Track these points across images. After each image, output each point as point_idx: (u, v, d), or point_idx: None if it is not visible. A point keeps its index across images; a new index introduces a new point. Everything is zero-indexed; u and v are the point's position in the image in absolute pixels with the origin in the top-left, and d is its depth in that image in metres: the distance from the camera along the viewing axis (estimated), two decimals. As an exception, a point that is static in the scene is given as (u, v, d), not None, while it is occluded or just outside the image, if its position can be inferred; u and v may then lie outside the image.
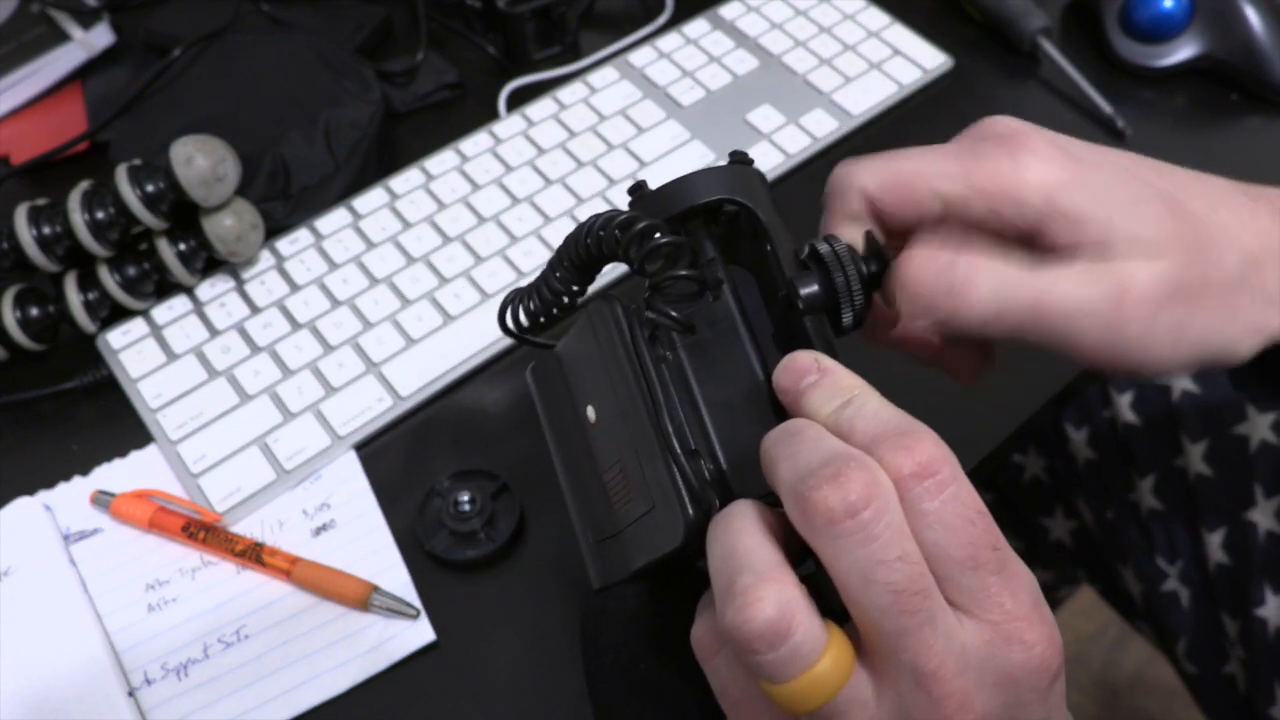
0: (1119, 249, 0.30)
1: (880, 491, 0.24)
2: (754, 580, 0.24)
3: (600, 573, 0.32)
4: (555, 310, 0.36)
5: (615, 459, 0.31)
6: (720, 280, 0.32)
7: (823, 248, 0.31)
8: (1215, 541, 0.56)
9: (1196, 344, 0.31)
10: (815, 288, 0.31)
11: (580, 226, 0.33)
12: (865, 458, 0.25)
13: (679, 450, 0.29)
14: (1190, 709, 0.62)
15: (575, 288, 0.35)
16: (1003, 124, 0.33)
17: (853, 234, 0.33)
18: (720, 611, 0.25)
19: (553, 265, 0.35)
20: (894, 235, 0.33)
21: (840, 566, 0.24)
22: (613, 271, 0.52)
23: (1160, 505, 0.59)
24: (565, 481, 0.34)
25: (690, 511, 0.28)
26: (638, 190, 0.33)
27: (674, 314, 0.30)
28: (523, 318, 0.37)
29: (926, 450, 0.25)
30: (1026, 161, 0.31)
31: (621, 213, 0.31)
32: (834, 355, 0.30)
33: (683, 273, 0.30)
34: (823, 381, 0.28)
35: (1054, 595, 0.82)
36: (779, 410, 0.30)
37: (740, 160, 0.33)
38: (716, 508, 0.28)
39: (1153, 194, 0.31)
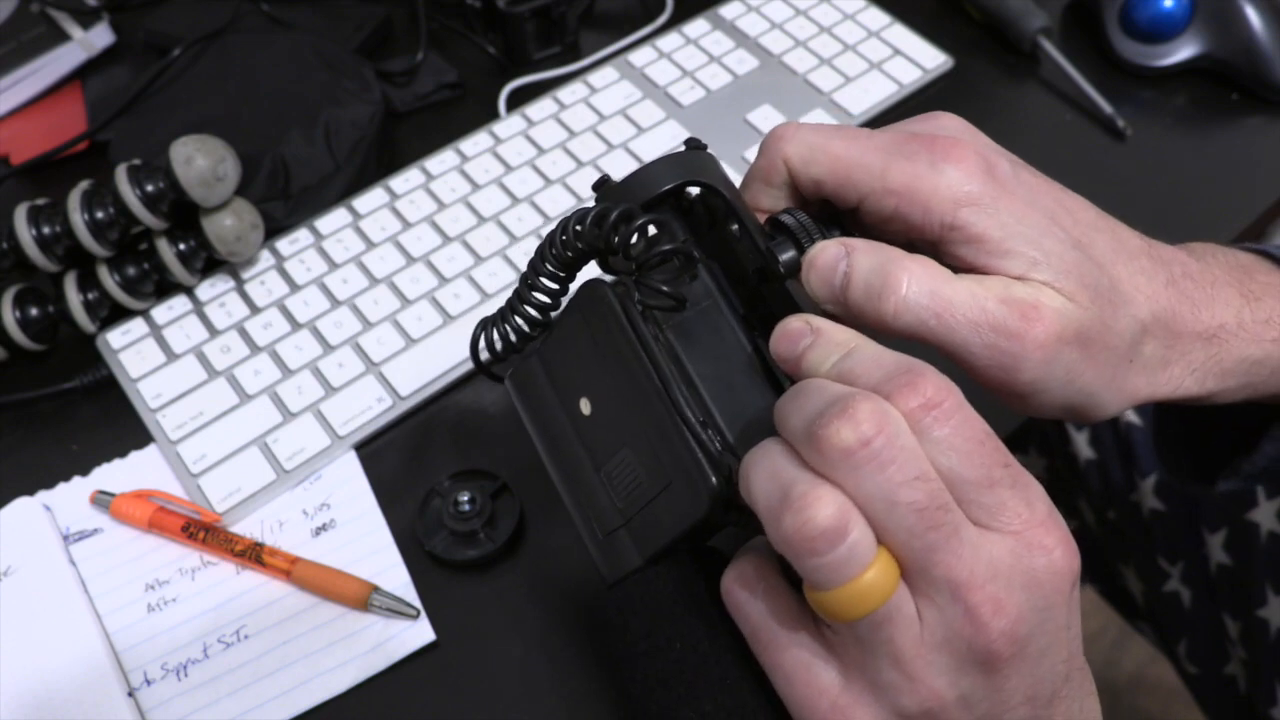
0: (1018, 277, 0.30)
1: (889, 419, 0.25)
2: (809, 486, 0.25)
3: (612, 566, 0.32)
4: (536, 326, 0.36)
5: (618, 446, 0.31)
6: (697, 258, 0.32)
7: (785, 219, 0.32)
8: (1217, 542, 0.56)
9: (1080, 392, 0.31)
10: (792, 252, 0.32)
11: (554, 230, 0.33)
12: (868, 393, 0.26)
13: (694, 420, 0.29)
14: (1191, 709, 0.62)
15: (556, 296, 0.36)
16: (944, 124, 0.33)
17: (767, 199, 0.34)
18: (776, 524, 0.25)
19: (527, 278, 0.35)
20: (809, 204, 0.34)
21: (863, 496, 0.25)
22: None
23: (1162, 506, 0.59)
24: (561, 483, 0.34)
25: (713, 479, 0.28)
26: (602, 184, 0.33)
27: (666, 289, 0.30)
28: (498, 344, 0.37)
29: (931, 383, 0.26)
30: (945, 170, 0.31)
31: (593, 208, 0.32)
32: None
33: (667, 246, 0.30)
34: (819, 340, 0.28)
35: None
36: (771, 378, 0.30)
37: (696, 146, 0.34)
38: (736, 473, 0.28)
39: (1062, 235, 0.31)
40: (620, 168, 0.56)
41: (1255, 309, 0.35)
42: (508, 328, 0.36)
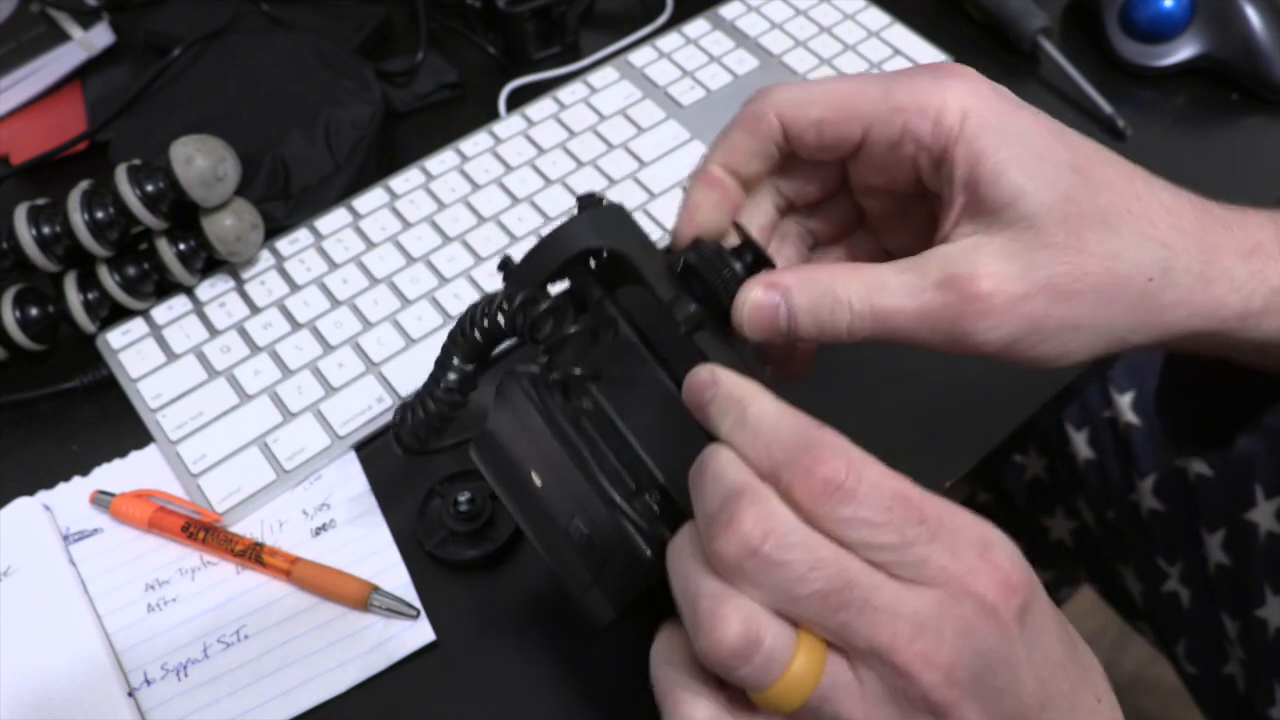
0: (999, 203, 0.30)
1: (774, 521, 0.25)
2: (714, 603, 0.25)
3: (594, 619, 0.33)
4: (456, 408, 0.37)
5: (571, 514, 0.32)
6: (613, 317, 0.33)
7: (692, 257, 0.32)
8: (1215, 542, 0.56)
9: (1098, 331, 0.31)
10: (693, 307, 0.32)
11: (460, 321, 0.34)
12: (756, 489, 0.26)
13: (619, 500, 0.30)
14: (1190, 709, 0.62)
15: (469, 382, 0.37)
16: (945, 65, 0.33)
17: (744, 155, 0.33)
18: (694, 641, 0.26)
19: (442, 364, 0.36)
20: (796, 170, 0.34)
21: (765, 596, 0.25)
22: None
23: (1161, 506, 0.59)
24: (536, 542, 0.34)
25: (648, 552, 0.30)
26: (506, 265, 0.34)
27: (578, 370, 0.31)
28: (420, 430, 0.38)
29: (828, 463, 0.25)
30: (949, 83, 0.31)
31: (496, 294, 0.33)
32: (739, 354, 0.31)
33: (572, 330, 0.32)
34: (717, 395, 0.28)
35: (1054, 595, 0.82)
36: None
37: (590, 203, 0.34)
38: (669, 537, 0.29)
39: (1064, 155, 0.31)
40: (621, 168, 0.56)
41: None
42: (423, 414, 0.37)
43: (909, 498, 0.25)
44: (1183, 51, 0.60)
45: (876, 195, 0.35)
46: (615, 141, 0.58)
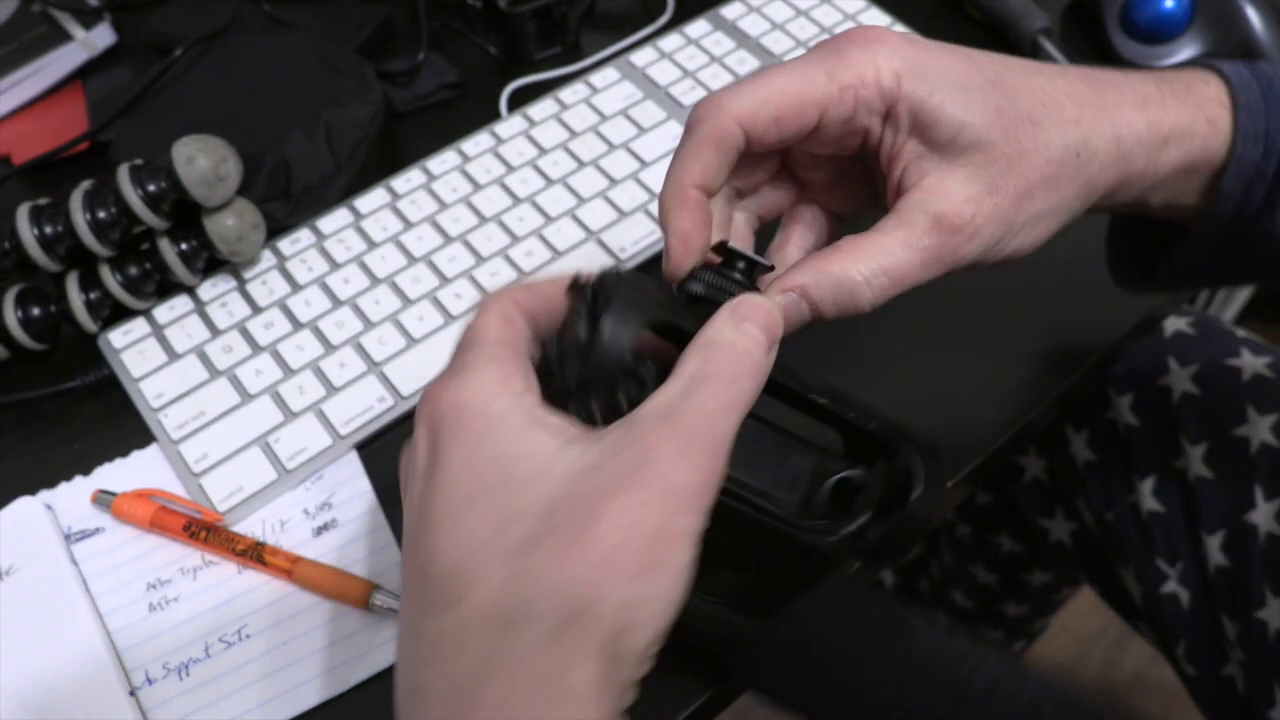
0: (946, 139, 0.34)
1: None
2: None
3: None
4: None
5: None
6: (647, 381, 0.31)
7: (697, 288, 0.33)
8: (1215, 544, 0.56)
9: (1057, 210, 0.35)
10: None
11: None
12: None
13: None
14: (1190, 710, 0.62)
15: None
16: (856, 29, 0.35)
17: (720, 159, 0.34)
18: None
19: None
20: (744, 163, 0.36)
21: None
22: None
23: (1160, 507, 0.59)
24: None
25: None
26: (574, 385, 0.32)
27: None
28: None
29: None
30: (875, 50, 0.34)
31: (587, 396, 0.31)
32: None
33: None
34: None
35: (1055, 596, 0.82)
36: (781, 433, 0.35)
37: (601, 284, 0.32)
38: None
39: (979, 76, 0.34)
40: (622, 168, 0.56)
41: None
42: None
43: None
44: (1183, 52, 0.60)
45: (821, 166, 0.38)
46: (616, 142, 0.58)
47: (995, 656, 0.33)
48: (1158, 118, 0.36)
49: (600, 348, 0.30)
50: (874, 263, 0.33)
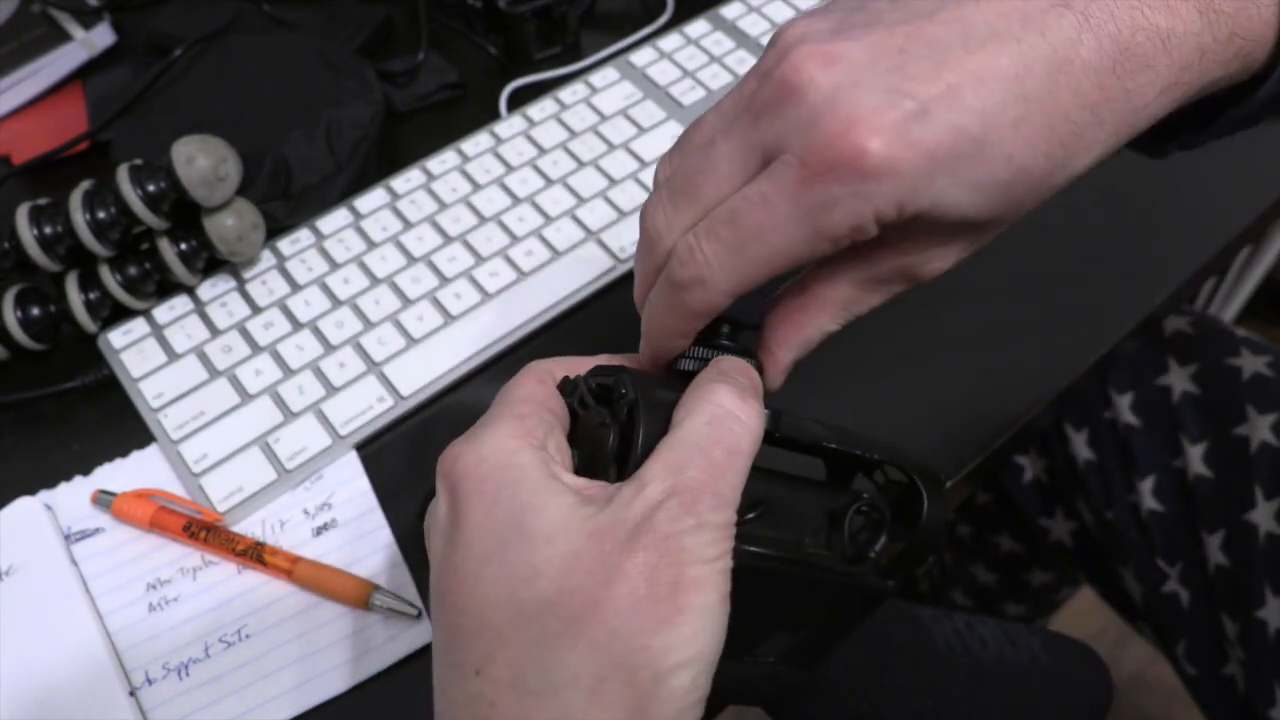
0: (943, 227, 0.29)
1: None
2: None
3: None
4: None
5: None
6: None
7: (689, 365, 0.33)
8: (1215, 543, 0.56)
9: (1050, 156, 0.29)
10: None
11: None
12: None
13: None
14: (1191, 710, 0.62)
15: None
16: (774, 54, 0.29)
17: (698, 324, 0.32)
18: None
19: None
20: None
21: None
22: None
23: (1160, 507, 0.59)
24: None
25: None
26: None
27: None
28: None
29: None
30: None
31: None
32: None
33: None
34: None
35: (1055, 596, 0.82)
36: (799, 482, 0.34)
37: (626, 400, 0.31)
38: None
39: (902, 61, 0.28)
40: (622, 168, 0.56)
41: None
42: None
43: None
44: None
45: None
46: (616, 142, 0.58)
47: (982, 622, 0.33)
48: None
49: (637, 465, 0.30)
50: (845, 314, 0.33)
